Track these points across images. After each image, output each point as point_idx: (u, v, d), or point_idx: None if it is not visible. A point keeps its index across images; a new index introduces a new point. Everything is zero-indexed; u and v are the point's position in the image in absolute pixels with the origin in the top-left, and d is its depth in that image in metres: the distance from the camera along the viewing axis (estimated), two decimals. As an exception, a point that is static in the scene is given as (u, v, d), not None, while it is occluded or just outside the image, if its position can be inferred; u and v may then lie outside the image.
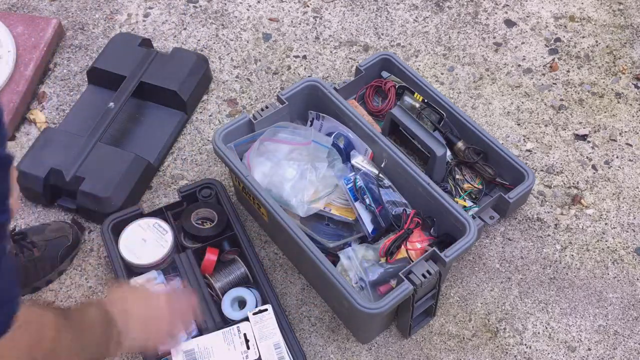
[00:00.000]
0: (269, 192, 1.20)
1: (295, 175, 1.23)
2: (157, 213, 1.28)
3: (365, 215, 1.21)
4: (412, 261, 1.13)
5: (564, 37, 1.67)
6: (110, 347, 0.86)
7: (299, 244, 1.12)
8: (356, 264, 1.15)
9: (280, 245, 1.32)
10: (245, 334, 1.13)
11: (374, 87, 1.46)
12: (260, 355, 1.11)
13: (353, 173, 1.25)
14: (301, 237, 1.12)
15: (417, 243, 1.18)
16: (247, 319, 1.15)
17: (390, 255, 1.15)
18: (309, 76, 1.59)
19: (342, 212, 1.25)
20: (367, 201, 1.21)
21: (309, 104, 1.36)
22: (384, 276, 1.14)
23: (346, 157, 1.30)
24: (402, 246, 1.17)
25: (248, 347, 1.12)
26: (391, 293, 1.06)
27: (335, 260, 1.16)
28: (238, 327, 1.14)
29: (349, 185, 1.22)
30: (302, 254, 1.12)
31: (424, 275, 1.07)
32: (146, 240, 1.23)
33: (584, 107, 1.54)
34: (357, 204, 1.22)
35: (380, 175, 1.26)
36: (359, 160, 1.28)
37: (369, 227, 1.21)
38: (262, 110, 1.31)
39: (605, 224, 1.36)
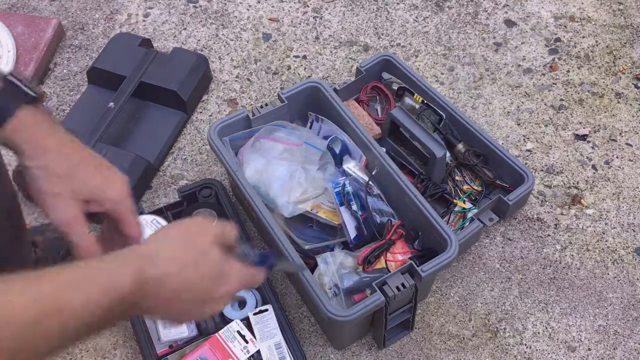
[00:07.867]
0: (258, 189, 1.19)
1: (285, 175, 1.22)
2: (157, 213, 1.28)
3: (350, 221, 1.19)
4: (390, 272, 1.10)
5: (564, 37, 1.67)
6: (115, 320, 0.61)
7: (277, 242, 1.11)
8: (332, 269, 1.12)
9: (266, 242, 1.32)
10: (239, 331, 1.13)
11: (373, 88, 1.46)
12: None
13: (343, 177, 1.23)
14: (279, 236, 1.11)
15: (399, 255, 1.15)
16: (247, 318, 1.15)
17: (368, 264, 1.12)
18: (308, 76, 1.59)
19: (329, 215, 1.22)
20: (354, 207, 1.19)
21: (309, 105, 1.36)
22: (359, 285, 1.11)
23: (340, 162, 1.28)
24: (382, 256, 1.14)
25: (247, 342, 1.12)
26: (361, 303, 1.03)
27: (316, 264, 1.15)
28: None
29: (337, 189, 1.20)
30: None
31: (397, 288, 1.04)
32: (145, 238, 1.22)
33: (584, 107, 1.54)
34: (342, 209, 1.19)
35: (370, 182, 1.23)
36: (351, 166, 1.26)
37: (352, 234, 1.18)
38: (262, 107, 1.31)
39: (605, 224, 1.36)
